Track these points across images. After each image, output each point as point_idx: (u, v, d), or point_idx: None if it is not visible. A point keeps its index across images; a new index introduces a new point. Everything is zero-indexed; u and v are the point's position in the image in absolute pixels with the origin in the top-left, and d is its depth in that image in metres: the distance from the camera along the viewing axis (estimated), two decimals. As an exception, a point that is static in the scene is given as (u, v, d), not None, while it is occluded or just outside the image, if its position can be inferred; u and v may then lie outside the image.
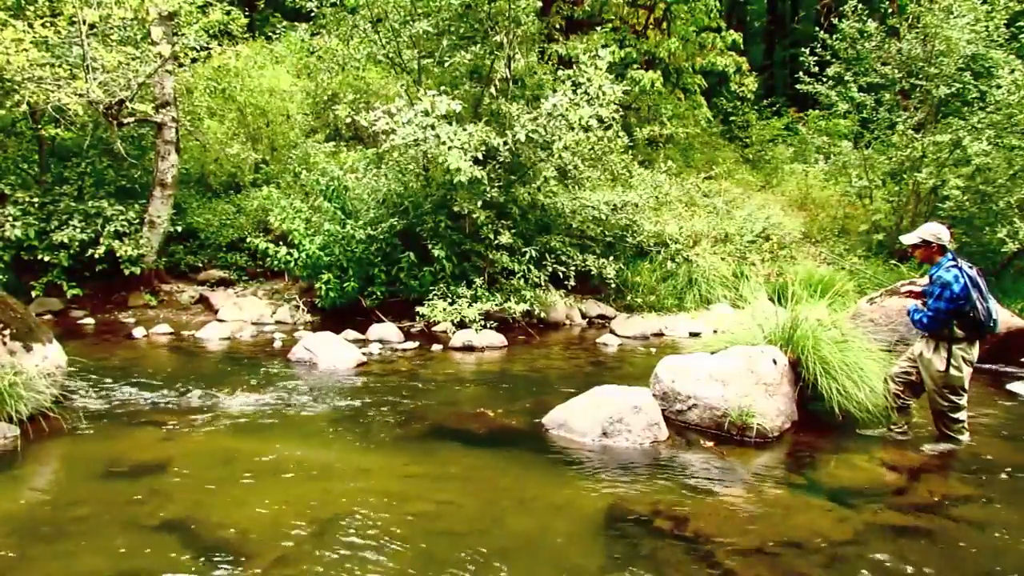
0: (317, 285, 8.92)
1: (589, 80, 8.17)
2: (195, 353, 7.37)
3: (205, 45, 9.56)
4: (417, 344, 7.94)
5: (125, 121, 8.80)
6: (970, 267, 4.41)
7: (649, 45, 14.61)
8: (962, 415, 4.63)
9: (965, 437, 4.66)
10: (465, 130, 7.86)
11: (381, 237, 8.84)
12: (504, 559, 2.98)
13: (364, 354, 7.10)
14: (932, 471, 4.26)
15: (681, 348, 7.76)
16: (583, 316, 9.74)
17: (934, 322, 4.42)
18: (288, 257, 8.89)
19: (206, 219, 10.95)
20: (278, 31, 16.26)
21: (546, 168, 8.84)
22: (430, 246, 8.73)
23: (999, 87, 10.17)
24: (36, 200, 8.98)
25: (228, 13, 10.61)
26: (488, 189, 8.29)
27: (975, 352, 4.52)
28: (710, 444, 4.59)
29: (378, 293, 9.02)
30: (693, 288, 10.37)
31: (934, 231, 4.56)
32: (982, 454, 4.52)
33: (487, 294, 8.74)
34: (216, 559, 2.93)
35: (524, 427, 4.91)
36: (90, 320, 8.93)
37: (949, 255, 4.51)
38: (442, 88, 8.39)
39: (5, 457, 4.08)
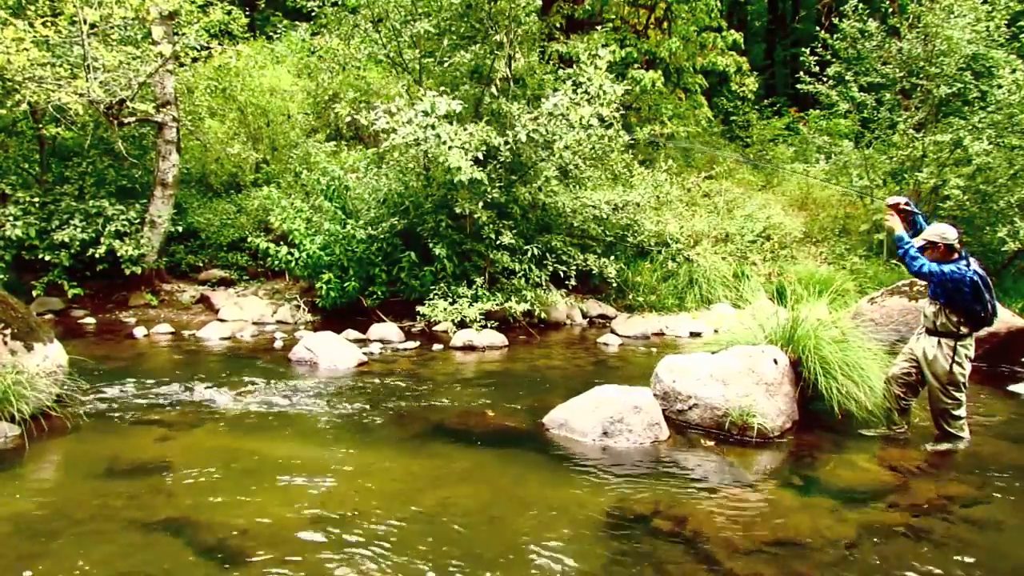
0: (318, 285, 8.92)
1: (590, 80, 8.16)
2: (196, 353, 7.37)
3: (206, 45, 9.55)
4: (418, 344, 7.95)
5: (126, 121, 8.80)
6: (980, 268, 4.39)
7: (650, 45, 14.59)
8: (963, 412, 4.65)
9: (966, 434, 4.66)
10: (466, 129, 7.86)
11: (382, 237, 8.83)
12: (504, 559, 2.99)
13: (365, 354, 7.10)
14: (932, 471, 4.26)
15: (682, 348, 7.77)
16: (584, 316, 9.73)
17: (925, 269, 4.37)
18: (289, 257, 8.89)
19: (207, 219, 10.95)
20: (279, 31, 16.25)
21: (547, 168, 8.84)
22: (431, 245, 8.72)
23: (1000, 87, 10.16)
24: (37, 200, 8.98)
25: (229, 13, 10.61)
26: (489, 189, 8.29)
27: (972, 348, 4.57)
28: (711, 444, 4.59)
29: (379, 293, 9.02)
30: (694, 288, 10.36)
31: (939, 231, 4.47)
32: (982, 454, 4.52)
33: (488, 294, 8.74)
34: (216, 559, 2.94)
35: (525, 427, 4.92)
36: (91, 320, 8.94)
37: (960, 256, 4.42)
38: (443, 88, 8.39)
39: (7, 456, 4.09)
